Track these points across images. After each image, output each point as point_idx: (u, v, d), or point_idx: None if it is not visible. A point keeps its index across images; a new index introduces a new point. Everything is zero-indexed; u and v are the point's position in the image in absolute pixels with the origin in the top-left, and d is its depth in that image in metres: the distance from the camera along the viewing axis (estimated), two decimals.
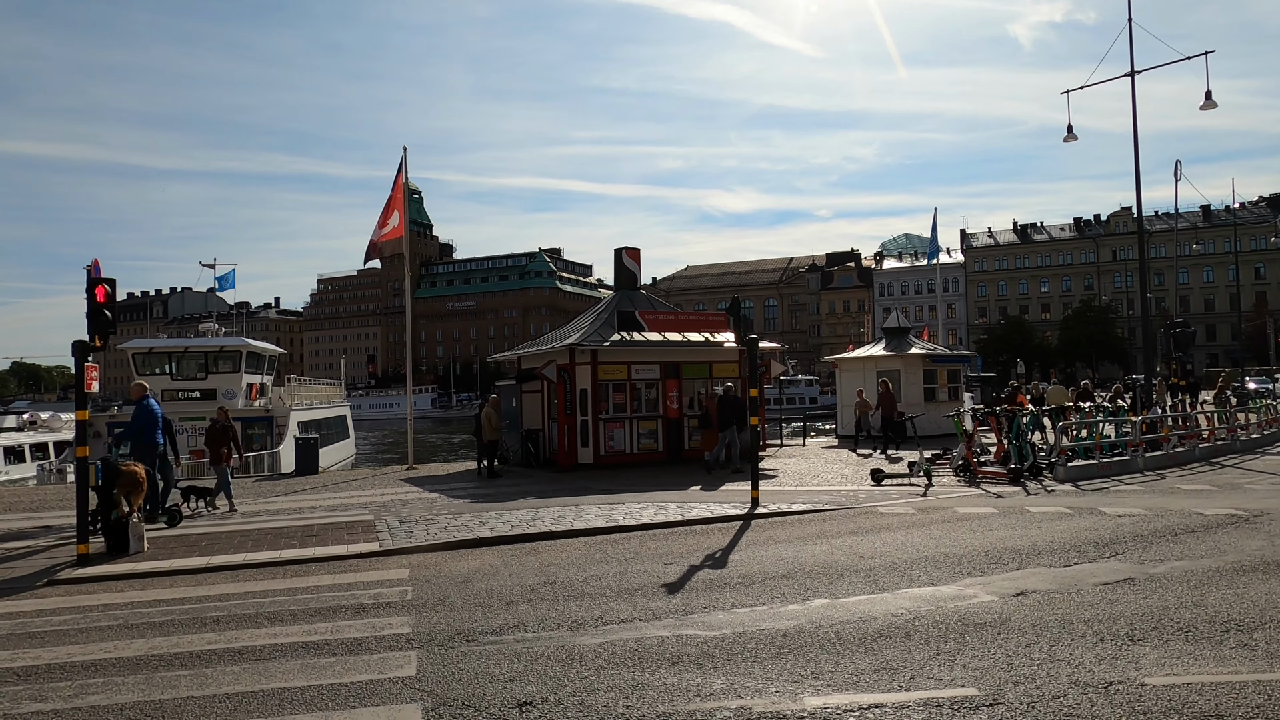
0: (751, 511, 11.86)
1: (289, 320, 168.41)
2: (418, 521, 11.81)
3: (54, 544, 11.04)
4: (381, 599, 7.50)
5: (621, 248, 22.03)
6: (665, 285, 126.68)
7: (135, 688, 5.27)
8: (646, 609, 6.84)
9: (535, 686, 5.06)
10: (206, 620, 6.96)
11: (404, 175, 21.32)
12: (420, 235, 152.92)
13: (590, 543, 10.21)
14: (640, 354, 19.34)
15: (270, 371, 31.96)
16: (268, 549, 10.14)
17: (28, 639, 6.59)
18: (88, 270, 10.85)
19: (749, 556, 8.96)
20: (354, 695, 5.00)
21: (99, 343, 10.39)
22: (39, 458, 31.33)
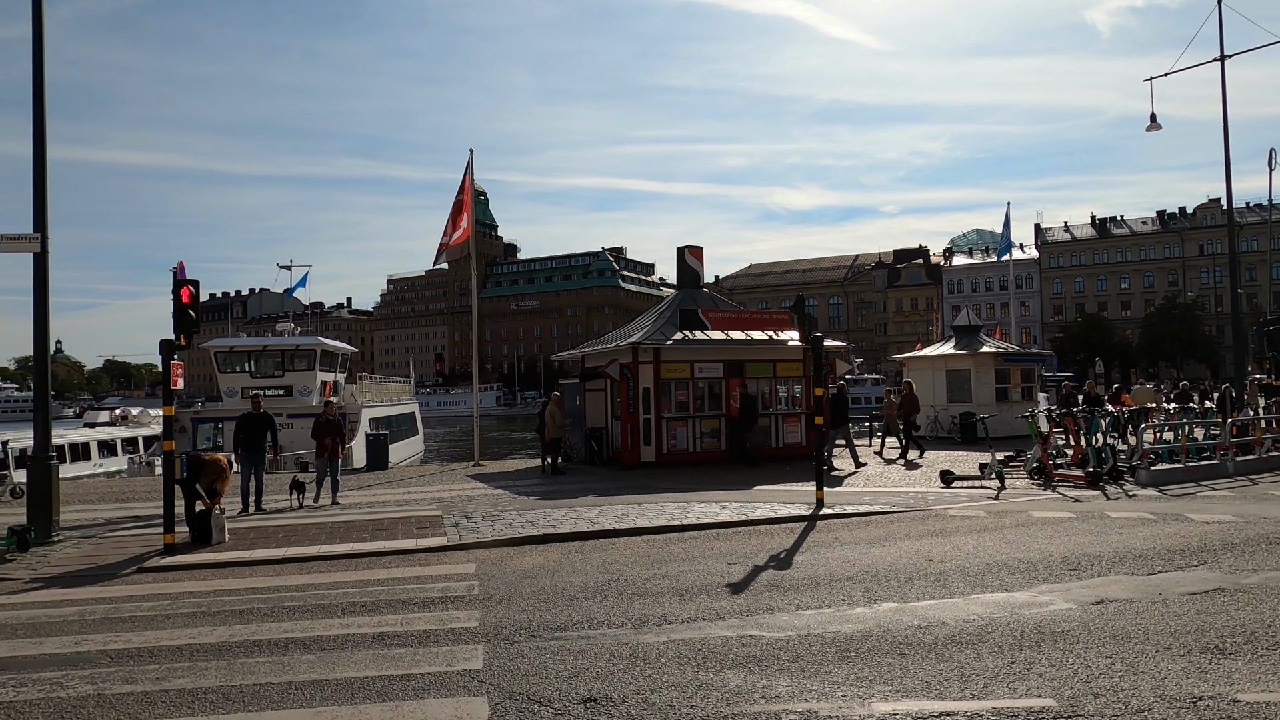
0: (816, 512, 11.70)
1: (360, 320, 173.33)
2: (484, 517, 12.01)
3: (143, 533, 11.57)
4: (449, 593, 7.64)
5: (684, 246, 21.99)
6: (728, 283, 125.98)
7: (217, 673, 5.48)
8: (710, 608, 6.81)
9: (599, 683, 5.08)
10: (283, 610, 7.20)
11: (470, 177, 21.68)
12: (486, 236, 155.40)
13: (653, 541, 10.22)
14: (703, 353, 19.27)
15: (343, 369, 32.90)
16: (340, 542, 10.44)
17: (119, 623, 6.92)
18: (174, 273, 11.33)
19: (814, 558, 8.84)
20: (423, 686, 5.10)
21: (184, 342, 10.85)
22: (129, 451, 32.95)
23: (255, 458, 13.47)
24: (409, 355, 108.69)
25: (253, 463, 13.46)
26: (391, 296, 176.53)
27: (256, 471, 13.50)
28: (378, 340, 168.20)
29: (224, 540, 10.61)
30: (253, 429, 13.48)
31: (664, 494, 13.90)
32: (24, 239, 11.30)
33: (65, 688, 5.27)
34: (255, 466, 13.48)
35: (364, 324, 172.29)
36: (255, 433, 13.46)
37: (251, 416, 13.65)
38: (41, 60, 11.54)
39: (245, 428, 13.56)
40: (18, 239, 11.29)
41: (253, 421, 13.55)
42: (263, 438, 13.47)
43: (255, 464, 13.48)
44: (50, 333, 11.72)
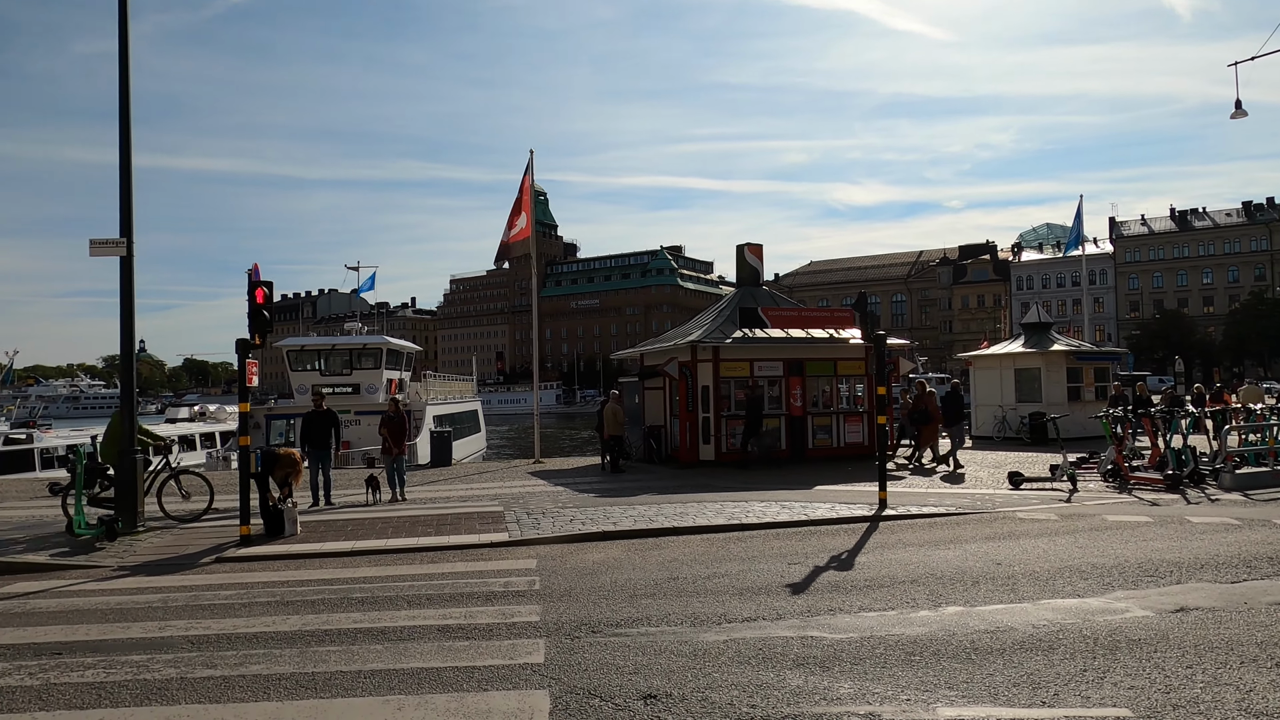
0: (879, 513, 11.51)
1: (424, 319, 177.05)
2: (544, 514, 12.15)
3: (220, 524, 12.05)
4: (511, 587, 7.76)
5: (743, 244, 21.85)
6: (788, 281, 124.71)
7: (291, 660, 5.68)
8: (770, 608, 6.77)
9: (659, 680, 5.10)
10: (352, 601, 7.41)
11: (530, 177, 21.94)
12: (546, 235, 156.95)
13: (712, 540, 10.20)
14: (763, 351, 19.13)
15: (408, 368, 33.65)
16: (406, 535, 10.69)
17: (200, 610, 7.23)
18: (248, 274, 11.75)
19: (877, 559, 8.71)
20: (486, 678, 5.20)
21: (258, 341, 11.25)
22: (207, 446, 34.33)
23: (321, 453, 13.88)
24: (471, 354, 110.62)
25: (319, 458, 13.87)
26: (454, 296, 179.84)
27: (323, 466, 13.90)
28: (441, 339, 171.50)
29: (296, 533, 10.97)
30: (317, 426, 13.90)
31: (723, 493, 13.85)
32: (112, 243, 11.87)
33: (151, 670, 5.53)
34: (322, 462, 13.89)
35: (427, 323, 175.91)
36: (320, 429, 13.87)
37: (315, 414, 14.07)
38: (127, 76, 12.09)
39: (310, 425, 13.98)
40: (106, 243, 11.87)
41: (317, 419, 13.97)
42: (327, 434, 13.86)
43: (322, 459, 13.89)
44: (135, 332, 12.30)
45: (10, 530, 11.99)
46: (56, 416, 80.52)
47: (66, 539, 10.97)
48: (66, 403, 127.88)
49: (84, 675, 5.46)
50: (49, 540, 11.03)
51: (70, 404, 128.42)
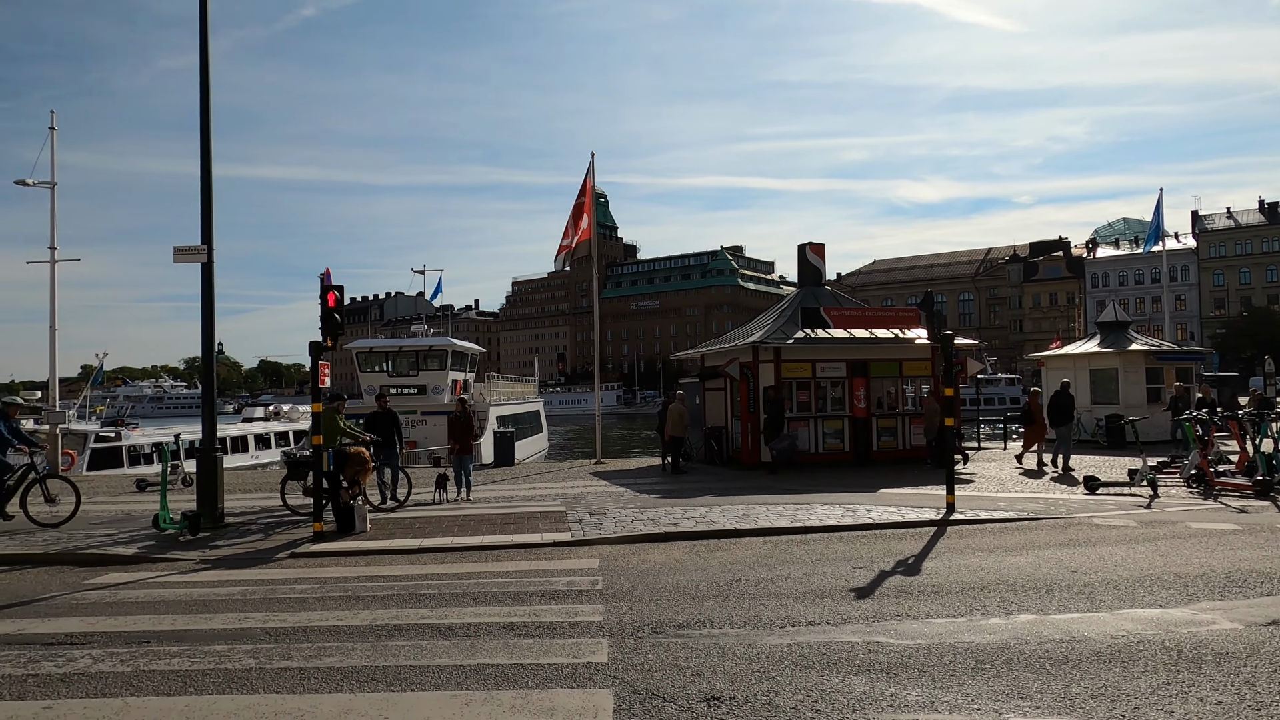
0: (946, 517, 11.25)
1: (487, 321, 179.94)
2: (606, 514, 12.22)
3: (294, 520, 12.46)
4: (574, 587, 7.83)
5: (805, 243, 21.62)
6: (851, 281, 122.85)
7: (362, 653, 5.84)
8: (835, 613, 6.68)
9: (722, 682, 5.08)
10: (420, 597, 7.58)
11: (591, 179, 22.10)
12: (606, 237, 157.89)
13: (775, 542, 10.11)
14: (825, 351, 18.89)
15: (472, 369, 34.28)
16: (471, 534, 10.89)
17: (276, 603, 7.49)
18: (320, 279, 12.15)
19: (945, 564, 8.51)
20: (551, 676, 5.26)
21: (330, 343, 11.60)
22: (282, 444, 35.54)
23: (387, 452, 14.15)
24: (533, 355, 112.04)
25: (384, 457, 14.15)
26: (516, 298, 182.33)
27: (390, 465, 14.22)
28: (503, 340, 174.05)
29: (366, 530, 11.28)
30: (380, 426, 14.16)
31: (785, 495, 13.72)
32: (194, 250, 12.39)
33: (231, 660, 5.76)
34: (388, 460, 14.19)
35: (490, 325, 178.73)
36: (383, 429, 14.10)
37: (378, 414, 14.33)
38: (208, 93, 12.60)
39: (373, 425, 14.20)
40: (188, 250, 12.40)
41: (380, 419, 14.23)
42: (391, 433, 14.10)
43: (388, 459, 14.19)
44: (215, 335, 12.81)
45: (102, 524, 12.62)
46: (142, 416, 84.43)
47: (153, 532, 11.49)
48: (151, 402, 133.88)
49: (170, 663, 5.72)
50: (137, 533, 11.58)
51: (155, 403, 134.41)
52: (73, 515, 12.42)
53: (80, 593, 8.24)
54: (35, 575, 9.28)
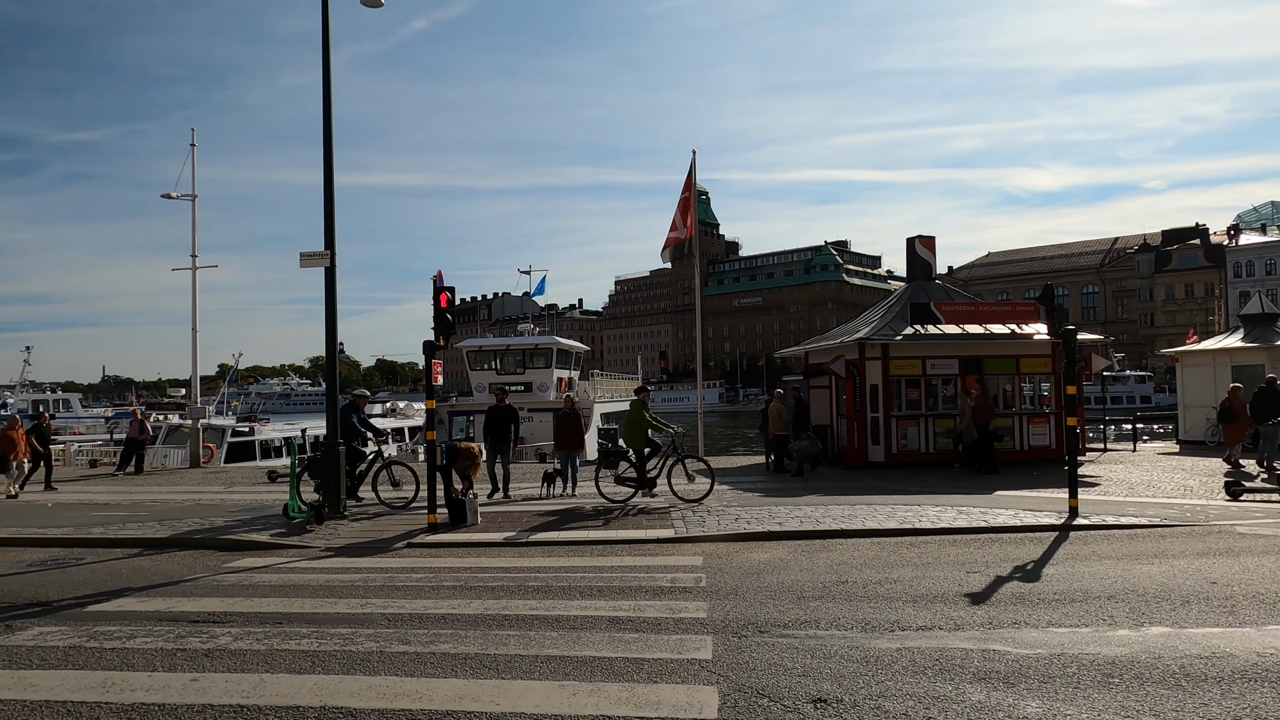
0: (1069, 522, 10.67)
1: (590, 319, 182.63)
2: (709, 511, 12.21)
3: (410, 512, 13.01)
4: (678, 583, 7.87)
5: (914, 236, 20.95)
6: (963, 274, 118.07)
7: (475, 641, 6.06)
8: (947, 618, 6.45)
9: (829, 684, 5.00)
10: (528, 589, 7.79)
11: (693, 177, 22.09)
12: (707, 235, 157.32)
13: (883, 544, 9.86)
14: (936, 348, 18.25)
15: (576, 367, 34.88)
16: (577, 529, 11.09)
17: (395, 590, 7.86)
18: (433, 280, 12.59)
19: (1067, 571, 8.08)
20: (655, 671, 5.31)
21: (442, 342, 12.05)
22: (397, 440, 37.15)
23: (502, 447, 14.57)
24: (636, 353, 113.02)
25: (499, 451, 14.58)
26: (619, 297, 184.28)
27: (503, 459, 14.60)
28: (606, 339, 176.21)
29: (477, 522, 11.66)
30: (498, 420, 14.61)
31: (894, 495, 13.34)
32: (318, 255, 13.12)
33: (354, 643, 6.08)
34: (502, 455, 14.59)
35: (594, 323, 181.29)
36: (500, 423, 14.56)
37: (497, 409, 14.79)
38: (330, 108, 13.30)
39: (491, 419, 14.70)
40: (313, 256, 13.13)
41: (498, 413, 14.69)
42: (507, 428, 14.53)
43: (502, 452, 14.59)
44: (337, 335, 13.51)
45: (238, 512, 13.55)
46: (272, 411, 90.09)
47: (283, 520, 12.24)
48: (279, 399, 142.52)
49: (300, 644, 6.09)
50: (269, 522, 12.37)
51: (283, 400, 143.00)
52: (414, 498, 13.47)
53: (220, 575, 8.88)
54: (182, 558, 10.06)
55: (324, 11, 13.22)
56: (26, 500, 15.86)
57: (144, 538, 11.19)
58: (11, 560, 10.11)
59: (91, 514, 13.74)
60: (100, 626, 6.71)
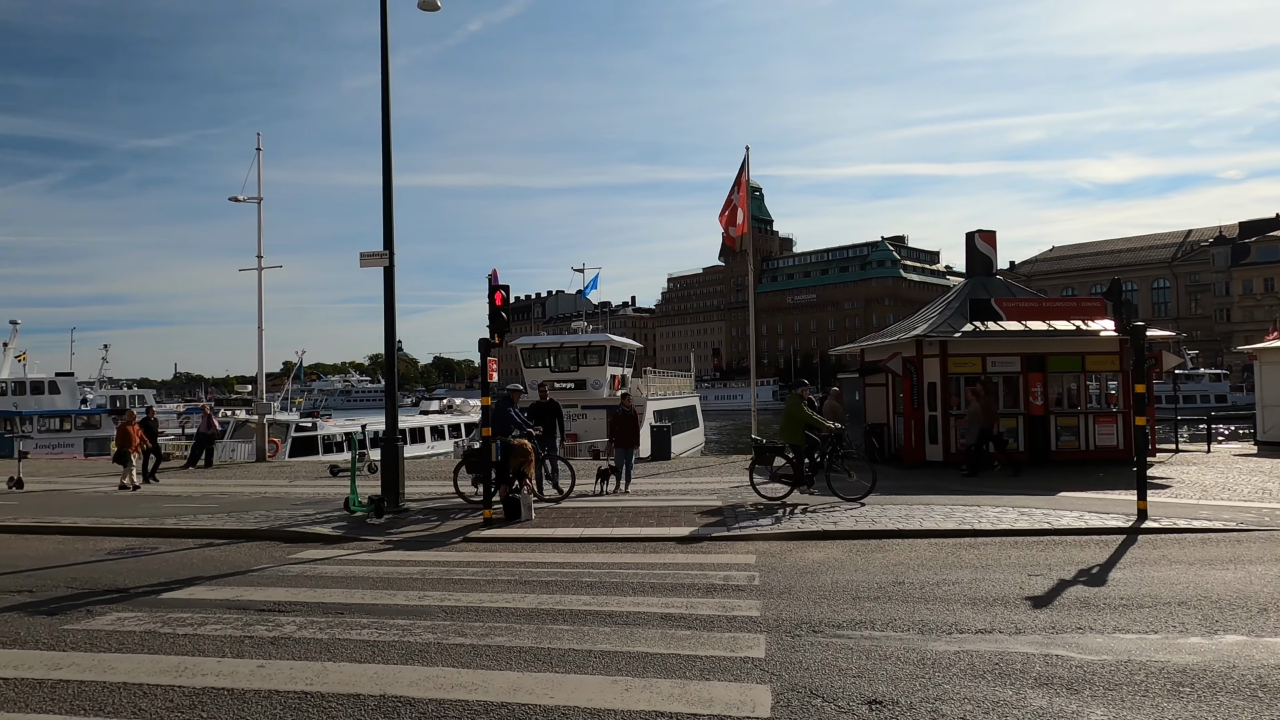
0: (1137, 525, 10.32)
1: (643, 317, 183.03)
2: (762, 510, 12.13)
3: (466, 507, 13.23)
4: (730, 581, 7.85)
5: (974, 231, 20.47)
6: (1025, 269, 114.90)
7: (529, 635, 6.14)
8: (1008, 621, 6.30)
9: (884, 686, 4.94)
10: (581, 584, 7.86)
11: (746, 174, 21.96)
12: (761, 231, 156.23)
13: (941, 545, 9.67)
14: (997, 345, 17.80)
15: (629, 364, 35.00)
16: (630, 525, 11.14)
17: (452, 584, 8.01)
18: (488, 279, 12.77)
19: (1135, 576, 7.82)
20: (708, 668, 5.31)
21: (498, 340, 12.22)
22: (454, 436, 37.79)
23: (547, 442, 14.51)
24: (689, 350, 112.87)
25: (546, 448, 14.49)
26: (672, 294, 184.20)
27: (550, 455, 14.60)
28: (659, 336, 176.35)
29: (531, 518, 11.80)
30: (543, 416, 14.54)
31: (952, 495, 13.07)
32: (377, 255, 13.42)
33: (412, 634, 6.22)
34: (549, 451, 14.58)
35: (646, 321, 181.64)
36: (545, 420, 14.48)
37: (541, 405, 14.73)
38: (388, 111, 13.59)
39: (536, 415, 14.56)
40: (372, 256, 13.44)
41: (542, 409, 14.63)
42: (552, 424, 14.49)
43: (549, 449, 14.58)
44: (395, 333, 13.81)
45: (302, 505, 13.96)
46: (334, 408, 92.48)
47: (344, 514, 12.57)
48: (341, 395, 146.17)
49: (360, 634, 6.26)
50: (331, 515, 12.72)
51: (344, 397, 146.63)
52: (570, 490, 13.77)
53: (285, 566, 9.16)
54: (249, 549, 10.42)
55: (383, 18, 13.50)
56: (151, 492, 16.59)
57: (213, 528, 11.62)
58: (91, 548, 10.60)
59: (164, 505, 14.32)
60: (173, 613, 7.00)
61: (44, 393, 45.52)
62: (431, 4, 14.00)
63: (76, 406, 45.30)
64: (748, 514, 11.79)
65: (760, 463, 13.23)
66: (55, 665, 5.61)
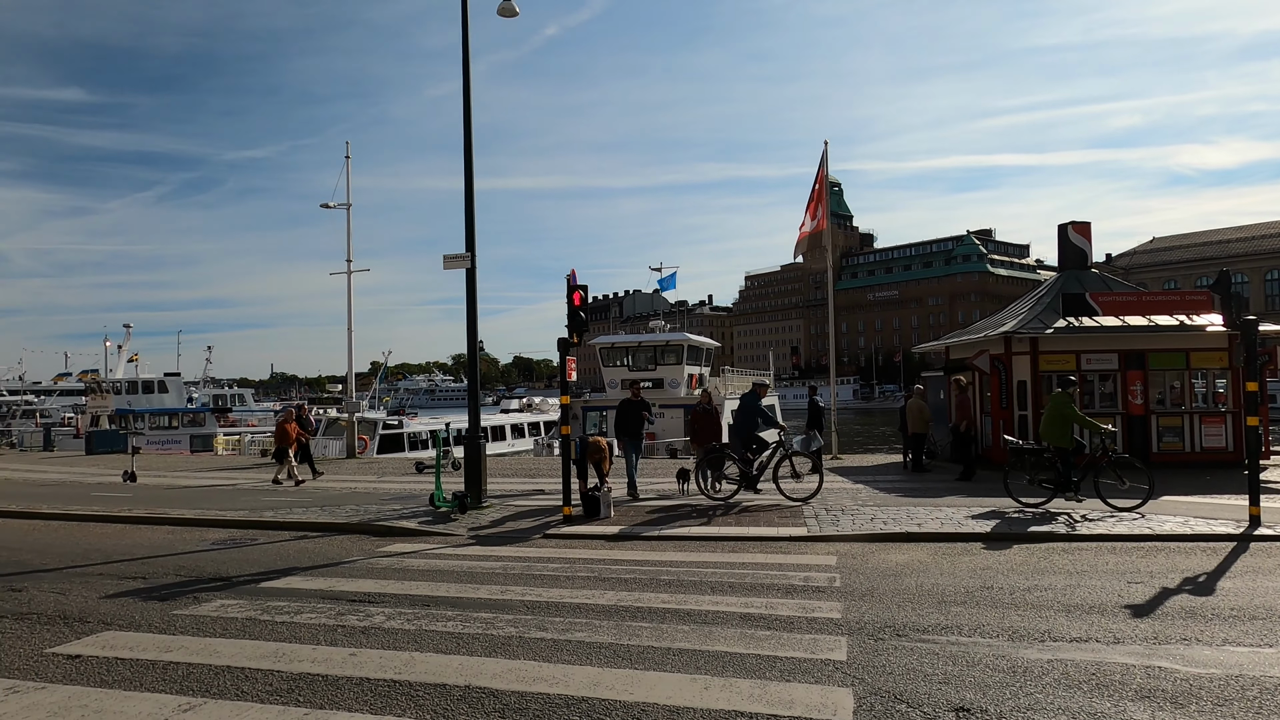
0: (1249, 532, 9.71)
1: (720, 315, 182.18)
2: (843, 510, 11.93)
3: (546, 504, 13.44)
4: (810, 582, 7.74)
5: (1067, 223, 19.63)
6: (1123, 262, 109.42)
7: (608, 631, 6.19)
8: (1105, 630, 6.02)
9: (972, 693, 4.79)
10: (660, 582, 7.88)
11: (825, 169, 21.60)
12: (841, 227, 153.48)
13: (1032, 549, 9.31)
14: (1092, 341, 17.02)
15: (707, 363, 34.88)
16: (708, 524, 11.10)
17: (532, 579, 8.15)
18: (567, 279, 12.93)
19: (1247, 585, 7.36)
20: (788, 670, 5.25)
21: (576, 339, 12.36)
22: (534, 434, 38.42)
23: (635, 443, 14.68)
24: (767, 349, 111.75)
25: (634, 448, 14.65)
26: (749, 292, 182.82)
27: (636, 452, 14.68)
28: (736, 335, 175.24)
29: (610, 515, 11.90)
30: (631, 415, 14.59)
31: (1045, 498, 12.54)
32: (460, 258, 13.76)
33: (495, 627, 6.35)
34: (636, 451, 14.68)
35: (724, 319, 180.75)
36: (634, 418, 14.55)
37: (629, 403, 14.74)
38: (470, 117, 13.92)
39: (623, 414, 14.66)
40: (455, 258, 13.79)
41: (630, 408, 14.67)
42: (640, 423, 14.56)
43: (636, 450, 14.69)
44: (477, 333, 14.13)
45: (389, 500, 14.43)
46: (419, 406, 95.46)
47: (429, 509, 12.94)
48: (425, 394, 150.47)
49: (445, 626, 6.43)
50: (417, 510, 13.11)
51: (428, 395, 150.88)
52: (815, 492, 12.80)
53: (374, 558, 9.50)
54: (340, 541, 10.83)
55: (464, 27, 13.83)
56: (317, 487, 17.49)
57: (308, 522, 12.13)
58: (197, 539, 11.22)
59: (263, 499, 15.03)
60: (272, 601, 7.34)
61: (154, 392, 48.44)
62: (510, 10, 14.27)
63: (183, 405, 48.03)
64: (828, 514, 11.60)
65: (1019, 469, 12.30)
66: (166, 648, 5.96)
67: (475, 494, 13.17)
